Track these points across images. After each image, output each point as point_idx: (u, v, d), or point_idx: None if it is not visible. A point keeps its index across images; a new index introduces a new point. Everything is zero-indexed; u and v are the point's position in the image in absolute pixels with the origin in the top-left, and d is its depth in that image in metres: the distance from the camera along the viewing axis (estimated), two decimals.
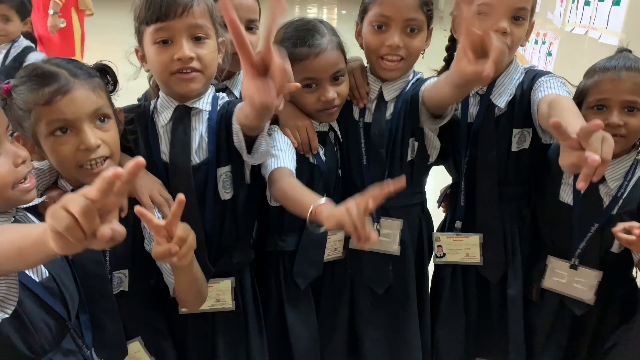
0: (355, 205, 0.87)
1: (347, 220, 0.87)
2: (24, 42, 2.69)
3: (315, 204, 0.98)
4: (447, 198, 1.57)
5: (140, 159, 0.65)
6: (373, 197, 0.87)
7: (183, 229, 0.88)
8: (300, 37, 1.27)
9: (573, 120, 0.84)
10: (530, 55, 4.54)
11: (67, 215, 0.62)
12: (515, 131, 1.36)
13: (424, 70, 1.45)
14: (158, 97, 1.21)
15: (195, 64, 1.10)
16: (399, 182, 0.87)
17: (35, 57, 2.70)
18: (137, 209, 0.84)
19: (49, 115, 0.99)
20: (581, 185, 0.83)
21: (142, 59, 1.17)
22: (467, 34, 0.94)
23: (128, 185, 0.65)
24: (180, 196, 0.84)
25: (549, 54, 4.05)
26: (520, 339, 1.44)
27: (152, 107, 1.22)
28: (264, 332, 1.36)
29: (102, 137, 1.04)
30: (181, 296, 1.14)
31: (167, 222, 0.86)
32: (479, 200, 1.40)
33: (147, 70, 1.19)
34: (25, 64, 2.01)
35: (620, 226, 1.14)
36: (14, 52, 2.61)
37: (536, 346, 1.44)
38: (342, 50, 1.33)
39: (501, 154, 1.37)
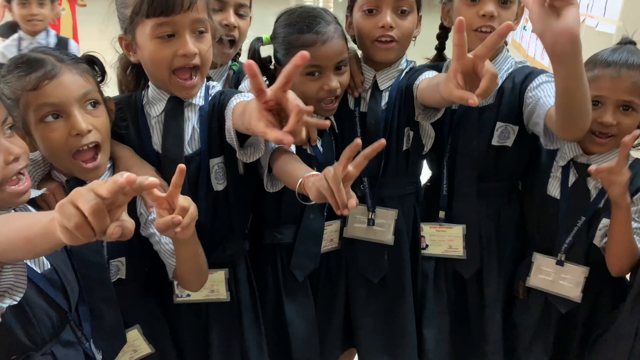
0: (333, 169, 0.87)
1: (323, 185, 0.87)
2: (52, 30, 2.65)
3: (303, 177, 0.98)
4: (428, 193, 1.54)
5: (156, 182, 0.65)
6: (348, 159, 0.86)
7: (184, 199, 0.88)
8: (306, 24, 1.25)
9: None
10: (527, 44, 4.53)
11: (76, 213, 0.61)
12: (499, 124, 1.35)
13: (417, 59, 1.45)
14: (147, 87, 1.19)
15: (197, 60, 1.09)
16: (377, 145, 0.87)
17: (75, 46, 2.66)
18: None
19: (37, 101, 0.98)
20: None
21: (128, 48, 1.14)
22: (459, 58, 0.92)
23: (138, 192, 0.65)
24: (181, 165, 0.84)
25: None
26: (498, 339, 1.42)
27: (142, 97, 1.20)
28: (261, 323, 1.36)
29: (92, 123, 1.03)
30: (182, 274, 1.13)
31: (168, 193, 0.86)
32: (457, 191, 1.40)
33: (136, 61, 1.16)
34: None
35: (593, 167, 1.15)
36: (52, 43, 2.57)
37: (522, 346, 1.42)
38: (346, 40, 1.32)
39: (481, 146, 1.36)
